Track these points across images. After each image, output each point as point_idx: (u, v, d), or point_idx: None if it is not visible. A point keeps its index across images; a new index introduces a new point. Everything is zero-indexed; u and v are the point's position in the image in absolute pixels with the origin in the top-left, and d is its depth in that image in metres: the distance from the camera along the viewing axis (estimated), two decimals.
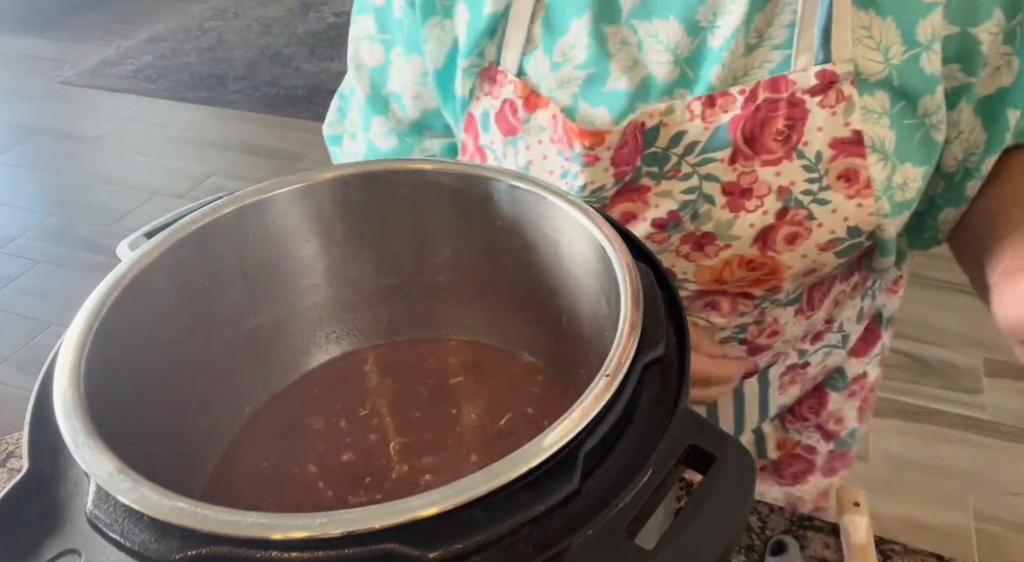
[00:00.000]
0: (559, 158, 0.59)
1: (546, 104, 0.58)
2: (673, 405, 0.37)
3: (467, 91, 0.62)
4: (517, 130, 0.60)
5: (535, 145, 0.60)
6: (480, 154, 0.64)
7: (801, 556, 0.56)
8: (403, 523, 0.30)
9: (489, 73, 0.61)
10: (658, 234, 0.60)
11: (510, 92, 0.60)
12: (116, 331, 0.41)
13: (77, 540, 0.32)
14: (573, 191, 0.58)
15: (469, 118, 0.64)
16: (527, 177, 0.48)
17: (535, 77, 0.59)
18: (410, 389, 0.54)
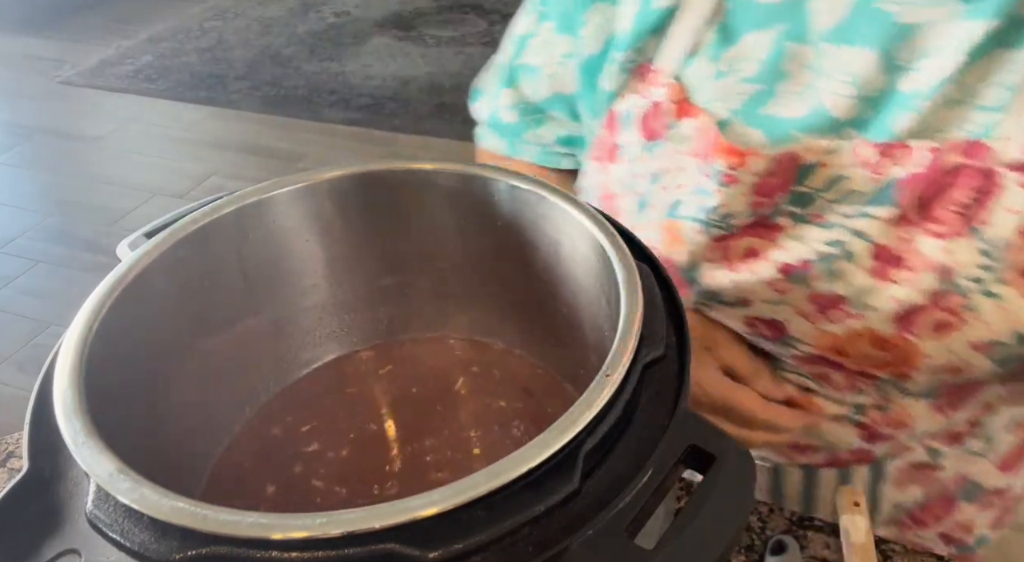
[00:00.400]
0: (697, 173, 0.54)
1: (698, 114, 0.53)
2: (673, 405, 0.37)
3: (616, 86, 0.58)
4: (660, 135, 0.56)
5: (674, 154, 0.55)
6: (611, 151, 0.60)
7: (801, 556, 0.56)
8: (403, 523, 0.30)
9: (642, 71, 0.56)
10: (781, 282, 0.53)
11: (661, 95, 0.55)
12: (116, 331, 0.41)
13: (77, 540, 0.32)
14: (701, 211, 0.54)
15: (612, 113, 0.59)
16: (527, 177, 0.48)
17: (693, 83, 0.54)
18: (410, 389, 0.54)
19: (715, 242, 0.55)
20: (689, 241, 0.55)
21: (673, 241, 0.56)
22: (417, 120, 2.69)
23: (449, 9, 3.44)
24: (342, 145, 2.62)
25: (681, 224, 0.56)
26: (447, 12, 3.42)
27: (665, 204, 0.56)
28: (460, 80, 2.89)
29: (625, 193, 0.60)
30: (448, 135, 2.61)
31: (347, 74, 2.97)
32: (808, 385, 0.59)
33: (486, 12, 3.39)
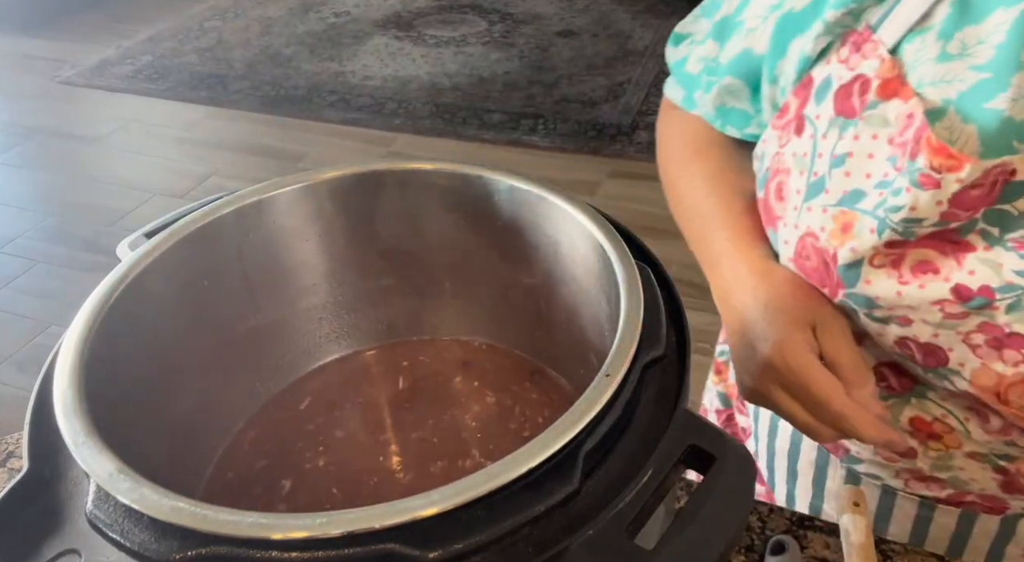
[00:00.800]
0: (888, 164, 0.48)
1: (908, 96, 0.47)
2: (673, 405, 0.37)
3: (818, 50, 0.52)
4: (855, 113, 0.50)
5: (867, 139, 0.49)
6: (798, 123, 0.54)
7: (801, 556, 0.56)
8: (403, 523, 0.30)
9: (857, 39, 0.50)
10: (954, 306, 0.47)
11: (871, 68, 0.49)
12: (116, 331, 0.41)
13: (77, 540, 0.32)
14: (882, 207, 0.48)
15: (807, 80, 0.53)
16: (527, 177, 0.48)
17: (911, 61, 0.48)
18: (410, 389, 0.54)
19: (887, 246, 0.49)
20: (859, 237, 0.50)
21: (841, 233, 0.51)
22: (417, 120, 2.69)
23: (449, 9, 3.44)
24: (342, 145, 2.62)
25: (857, 217, 0.50)
26: (447, 12, 3.42)
27: (843, 191, 0.51)
28: (460, 80, 2.90)
29: (798, 171, 0.54)
30: (448, 135, 2.61)
31: (347, 74, 2.97)
32: (950, 421, 0.54)
33: (486, 12, 3.39)
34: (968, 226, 0.47)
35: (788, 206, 0.54)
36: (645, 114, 2.65)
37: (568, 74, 2.90)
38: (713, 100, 0.64)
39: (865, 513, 0.55)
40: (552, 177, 2.33)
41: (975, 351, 0.48)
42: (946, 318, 0.48)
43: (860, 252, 0.50)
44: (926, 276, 0.48)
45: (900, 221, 0.47)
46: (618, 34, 3.16)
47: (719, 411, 0.83)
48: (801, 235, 0.53)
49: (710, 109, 0.65)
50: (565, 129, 2.59)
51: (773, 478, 0.73)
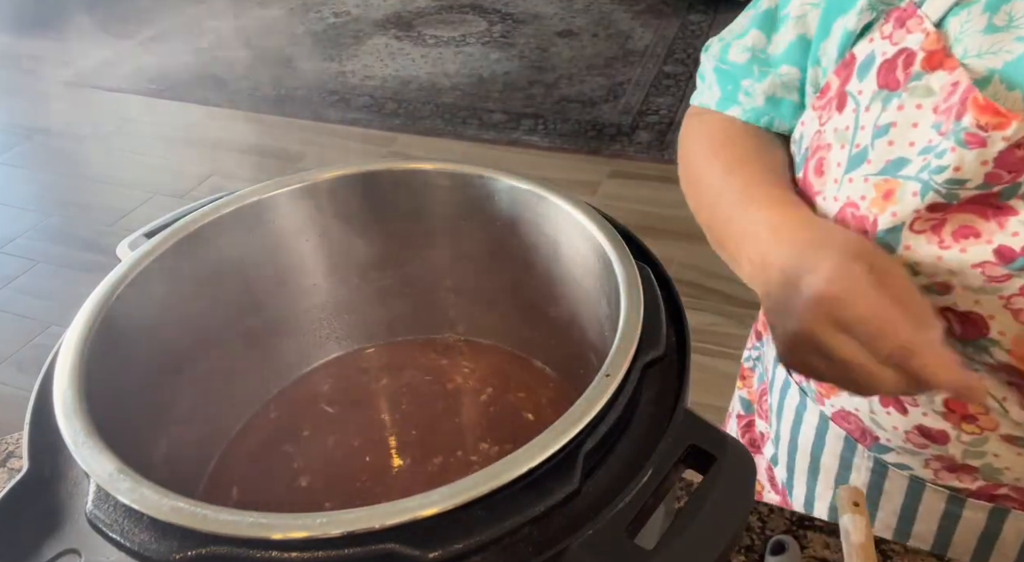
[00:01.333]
0: (932, 131, 0.49)
1: (953, 67, 0.48)
2: (673, 405, 0.37)
3: (861, 26, 0.53)
4: (898, 86, 0.51)
5: (911, 109, 0.50)
6: (839, 100, 0.55)
7: (801, 556, 0.56)
8: (403, 523, 0.30)
9: (901, 15, 0.51)
10: (996, 268, 0.47)
11: (915, 42, 0.50)
12: (116, 331, 0.41)
13: (77, 540, 0.32)
14: (926, 171, 0.48)
15: (849, 58, 0.54)
16: (527, 177, 0.48)
17: (956, 34, 0.49)
18: (409, 389, 0.54)
19: (928, 211, 0.49)
20: (901, 202, 0.50)
21: (883, 200, 0.51)
22: (417, 120, 2.69)
23: (449, 9, 3.44)
24: (342, 145, 2.62)
25: (899, 183, 0.50)
26: (447, 12, 3.42)
27: (885, 161, 0.51)
28: (460, 80, 2.90)
29: (839, 145, 0.54)
30: (448, 135, 2.61)
31: (347, 74, 2.97)
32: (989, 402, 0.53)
33: (486, 12, 3.39)
34: (1011, 189, 0.47)
35: (828, 180, 0.54)
36: (645, 114, 2.65)
37: (568, 74, 2.90)
38: (765, 90, 0.62)
39: (865, 513, 0.55)
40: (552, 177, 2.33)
41: (1017, 316, 0.48)
42: (988, 282, 0.48)
43: (901, 217, 0.50)
44: (967, 240, 0.48)
45: (944, 182, 0.47)
46: (618, 34, 3.16)
47: (740, 416, 0.83)
48: (841, 206, 0.53)
49: (758, 101, 0.63)
50: (565, 129, 2.59)
51: (792, 480, 0.72)
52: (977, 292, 0.49)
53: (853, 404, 0.62)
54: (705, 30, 3.15)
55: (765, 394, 0.77)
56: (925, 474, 0.61)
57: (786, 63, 0.61)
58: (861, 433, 0.63)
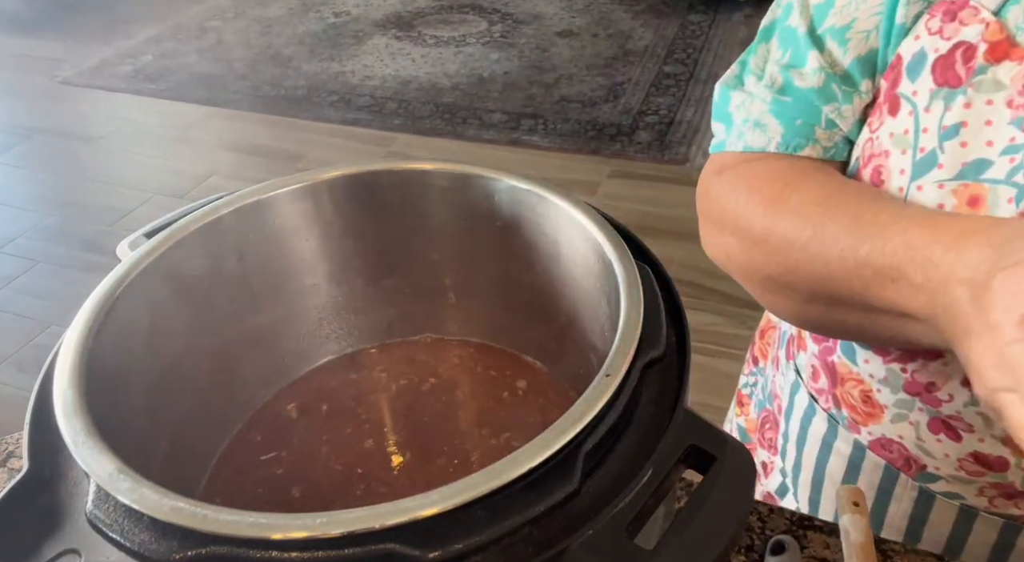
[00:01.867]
0: (1012, 127, 0.45)
1: (1021, 57, 0.45)
2: (673, 405, 0.37)
3: (911, 17, 0.50)
4: (960, 82, 0.47)
5: (981, 105, 0.47)
6: (891, 103, 0.51)
7: (801, 556, 0.56)
8: (403, 523, 0.30)
9: (952, 8, 0.48)
10: None
11: (973, 34, 0.47)
12: (116, 331, 0.41)
13: (77, 540, 0.32)
14: (1020, 173, 0.45)
15: (896, 58, 0.51)
16: (527, 177, 0.48)
17: (1017, 23, 0.46)
18: (410, 389, 0.54)
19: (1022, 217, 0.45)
20: (995, 209, 0.46)
21: (969, 207, 0.47)
22: (417, 120, 2.69)
23: (449, 9, 3.44)
24: (342, 145, 2.62)
25: (985, 189, 0.47)
26: (447, 12, 3.42)
27: (961, 164, 0.48)
28: (460, 80, 2.90)
29: (899, 150, 0.51)
30: (448, 135, 2.61)
31: (347, 74, 2.97)
32: None
33: (486, 12, 3.39)
34: None
35: (891, 188, 0.51)
36: (645, 114, 2.65)
37: (568, 74, 2.90)
38: (856, 111, 0.55)
39: (865, 513, 0.55)
40: (552, 177, 2.33)
41: None
42: None
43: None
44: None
45: None
46: (618, 34, 3.16)
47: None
48: None
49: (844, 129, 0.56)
50: (565, 129, 2.59)
51: (817, 512, 0.68)
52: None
53: (896, 431, 0.58)
54: (705, 30, 3.15)
55: (768, 423, 0.74)
56: (978, 502, 0.57)
57: (864, 77, 0.55)
58: (905, 462, 0.59)
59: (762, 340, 0.78)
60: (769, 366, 0.75)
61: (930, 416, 0.55)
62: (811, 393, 0.66)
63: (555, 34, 3.18)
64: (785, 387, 0.70)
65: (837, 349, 0.60)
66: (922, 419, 0.56)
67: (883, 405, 0.58)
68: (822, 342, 0.62)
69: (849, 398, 0.61)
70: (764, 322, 0.78)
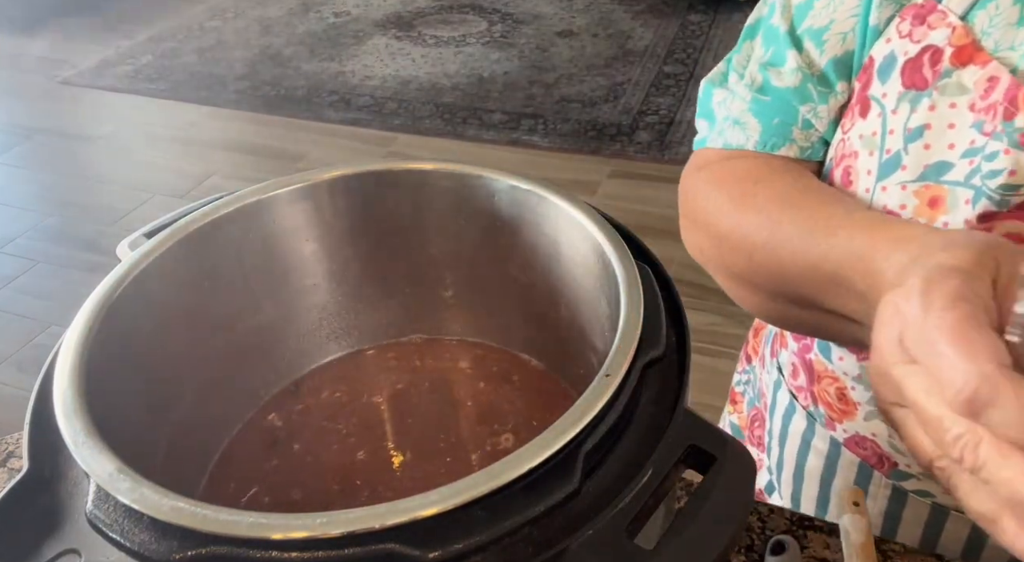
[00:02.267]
0: (973, 131, 0.46)
1: (985, 62, 0.45)
2: (673, 405, 0.37)
3: (883, 19, 0.51)
4: (927, 85, 0.48)
5: (944, 108, 0.47)
6: (862, 105, 0.52)
7: (801, 556, 0.56)
8: (403, 523, 0.30)
9: (921, 11, 0.48)
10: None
11: (941, 38, 0.47)
12: (116, 331, 0.41)
13: (77, 540, 0.32)
14: (977, 175, 0.46)
15: (868, 60, 0.52)
16: (527, 177, 0.48)
17: (983, 27, 0.46)
18: (409, 389, 0.54)
19: (978, 220, 0.46)
20: (953, 210, 0.47)
21: (929, 209, 0.48)
22: (417, 120, 2.69)
23: (449, 9, 3.44)
24: (342, 145, 2.62)
25: (945, 190, 0.47)
26: (447, 12, 3.42)
27: (923, 165, 0.48)
28: (460, 80, 2.90)
29: (867, 152, 0.52)
30: (448, 135, 2.61)
31: (347, 74, 2.97)
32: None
33: (486, 12, 3.39)
34: None
35: (858, 189, 0.52)
36: (645, 114, 2.65)
37: (568, 74, 2.90)
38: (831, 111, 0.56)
39: (865, 513, 0.55)
40: (552, 177, 2.33)
41: None
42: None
43: (953, 226, 0.47)
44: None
45: (997, 187, 0.44)
46: (618, 34, 3.16)
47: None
48: None
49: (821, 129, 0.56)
50: (565, 129, 2.59)
51: (797, 509, 0.69)
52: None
53: (869, 429, 0.59)
54: (705, 30, 3.15)
55: (757, 420, 0.75)
56: (948, 501, 0.58)
57: (840, 79, 0.55)
58: (878, 459, 0.60)
59: (755, 338, 0.78)
60: (758, 364, 0.75)
61: None
62: (791, 390, 0.67)
63: (555, 34, 3.18)
64: (769, 384, 0.71)
65: (814, 347, 0.61)
66: None
67: (857, 402, 0.59)
68: (801, 340, 0.63)
69: (825, 395, 0.62)
70: (757, 321, 0.79)
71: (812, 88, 0.56)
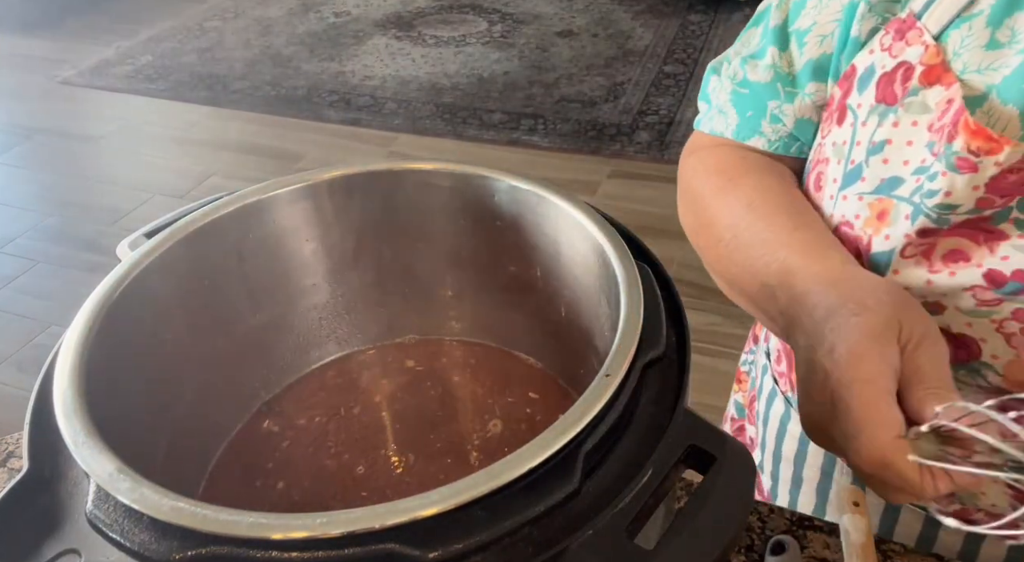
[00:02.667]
0: (925, 150, 0.47)
1: (950, 83, 0.46)
2: (673, 405, 0.37)
3: (866, 32, 0.51)
4: (895, 101, 0.49)
5: (907, 126, 0.48)
6: (840, 113, 0.53)
7: (801, 556, 0.56)
8: (403, 523, 0.30)
9: (902, 27, 0.49)
10: (986, 292, 0.47)
11: (914, 55, 0.48)
12: (116, 331, 0.41)
13: (77, 540, 0.32)
14: (918, 193, 0.47)
15: (851, 69, 0.52)
16: (527, 177, 0.48)
17: (955, 48, 0.47)
18: (409, 389, 0.54)
19: (919, 235, 0.48)
20: (895, 224, 0.49)
21: (877, 221, 0.50)
22: (417, 120, 2.69)
23: (449, 9, 3.44)
24: (342, 145, 2.62)
25: (893, 204, 0.49)
26: (447, 12, 3.42)
27: (880, 179, 0.50)
28: (460, 80, 2.90)
29: (836, 160, 0.53)
30: (448, 135, 2.61)
31: (347, 74, 2.97)
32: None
33: (486, 12, 3.39)
34: (1002, 214, 0.46)
35: (824, 195, 0.53)
36: (645, 114, 2.65)
37: (568, 74, 2.90)
38: (796, 111, 0.58)
39: (865, 513, 0.55)
40: (552, 177, 2.33)
41: (1009, 341, 0.47)
42: (979, 305, 0.47)
43: (893, 241, 0.49)
44: (957, 264, 0.47)
45: (934, 206, 0.46)
46: (618, 34, 3.16)
47: (734, 419, 0.82)
48: (836, 225, 0.52)
49: (788, 125, 0.59)
50: (565, 129, 2.59)
51: (776, 488, 0.71)
52: (969, 315, 0.48)
53: None
54: (705, 30, 3.15)
55: (755, 400, 0.77)
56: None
57: (812, 80, 0.57)
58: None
59: None
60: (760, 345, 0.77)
61: None
62: (774, 375, 0.69)
63: (555, 34, 3.18)
64: (759, 367, 0.73)
65: None
66: None
67: None
68: None
69: None
70: None
71: (780, 87, 0.58)
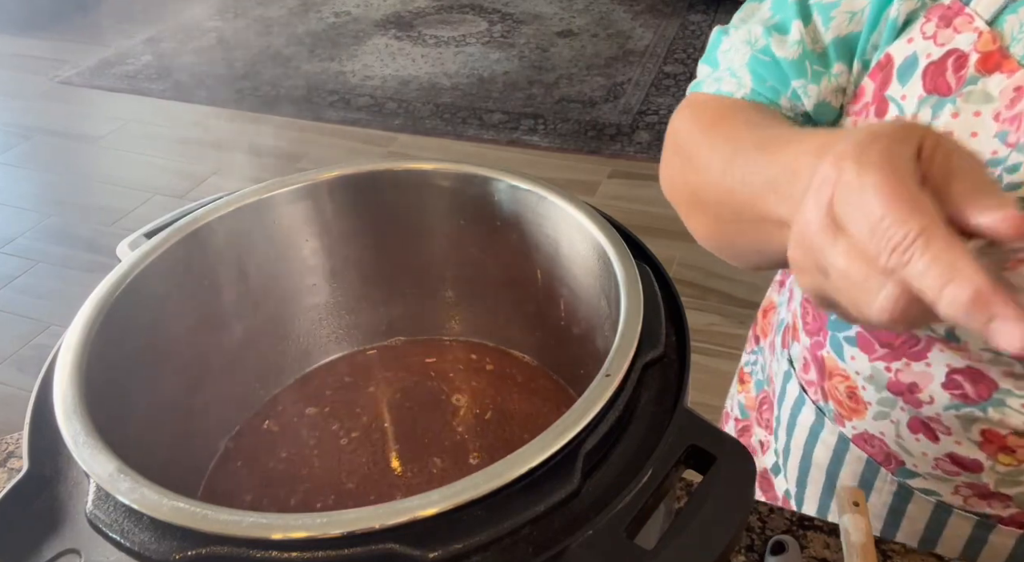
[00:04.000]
0: (997, 141, 0.45)
1: (1012, 70, 0.44)
2: (673, 405, 0.37)
3: (905, 15, 0.49)
4: (950, 91, 0.47)
5: (968, 116, 0.46)
6: (878, 106, 0.51)
7: (801, 556, 0.56)
8: (403, 523, 0.30)
9: (947, 13, 0.47)
10: None
11: (966, 42, 0.46)
12: (116, 331, 0.41)
13: (77, 540, 0.32)
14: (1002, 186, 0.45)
15: (885, 58, 0.50)
16: (527, 177, 0.48)
17: (1012, 33, 0.45)
18: (409, 389, 0.54)
19: None
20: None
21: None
22: (417, 120, 2.69)
23: (449, 9, 3.44)
24: (342, 145, 2.62)
25: None
26: (447, 12, 3.42)
27: None
28: (460, 80, 2.89)
29: None
30: (448, 135, 2.61)
31: (347, 74, 2.97)
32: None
33: (486, 12, 3.39)
34: None
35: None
36: (645, 114, 2.65)
37: (568, 74, 2.90)
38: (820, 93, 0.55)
39: (865, 513, 0.55)
40: (552, 177, 2.33)
41: None
42: None
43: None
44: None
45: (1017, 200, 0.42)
46: (618, 34, 3.16)
47: (737, 420, 0.81)
48: None
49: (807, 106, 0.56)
50: (565, 129, 2.59)
51: (803, 494, 0.69)
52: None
53: (878, 428, 0.59)
54: (705, 30, 3.15)
55: (765, 403, 0.75)
56: (954, 500, 0.59)
57: (838, 60, 0.54)
58: (885, 457, 0.61)
59: (764, 319, 0.78)
60: (767, 349, 0.76)
61: (910, 416, 0.57)
62: (801, 384, 0.67)
63: (555, 34, 3.18)
64: (779, 374, 0.71)
65: (827, 344, 0.61)
66: (903, 418, 0.57)
67: (867, 402, 0.59)
68: (814, 335, 0.63)
69: (836, 392, 0.62)
70: (766, 301, 0.79)
71: (809, 65, 0.55)
